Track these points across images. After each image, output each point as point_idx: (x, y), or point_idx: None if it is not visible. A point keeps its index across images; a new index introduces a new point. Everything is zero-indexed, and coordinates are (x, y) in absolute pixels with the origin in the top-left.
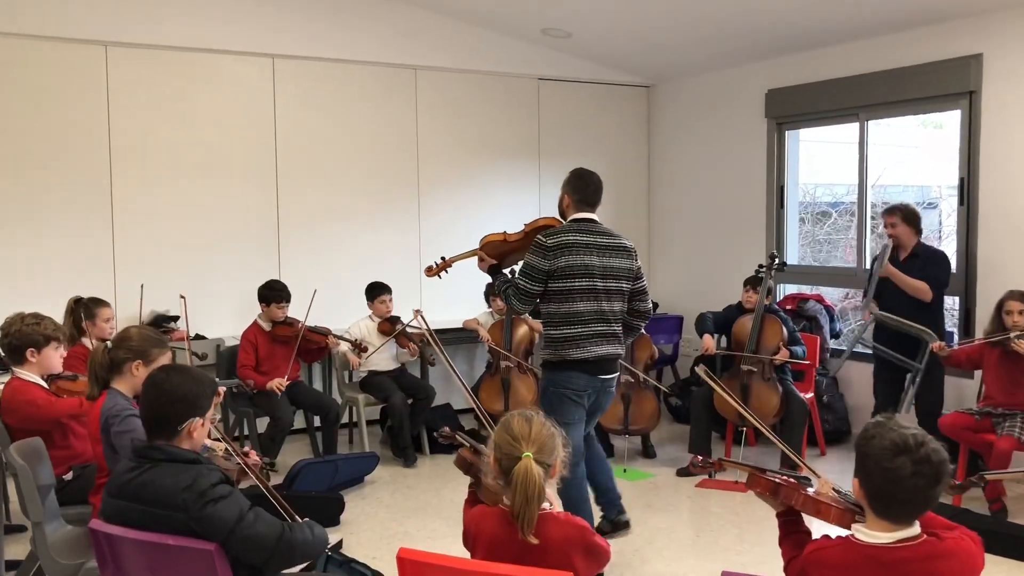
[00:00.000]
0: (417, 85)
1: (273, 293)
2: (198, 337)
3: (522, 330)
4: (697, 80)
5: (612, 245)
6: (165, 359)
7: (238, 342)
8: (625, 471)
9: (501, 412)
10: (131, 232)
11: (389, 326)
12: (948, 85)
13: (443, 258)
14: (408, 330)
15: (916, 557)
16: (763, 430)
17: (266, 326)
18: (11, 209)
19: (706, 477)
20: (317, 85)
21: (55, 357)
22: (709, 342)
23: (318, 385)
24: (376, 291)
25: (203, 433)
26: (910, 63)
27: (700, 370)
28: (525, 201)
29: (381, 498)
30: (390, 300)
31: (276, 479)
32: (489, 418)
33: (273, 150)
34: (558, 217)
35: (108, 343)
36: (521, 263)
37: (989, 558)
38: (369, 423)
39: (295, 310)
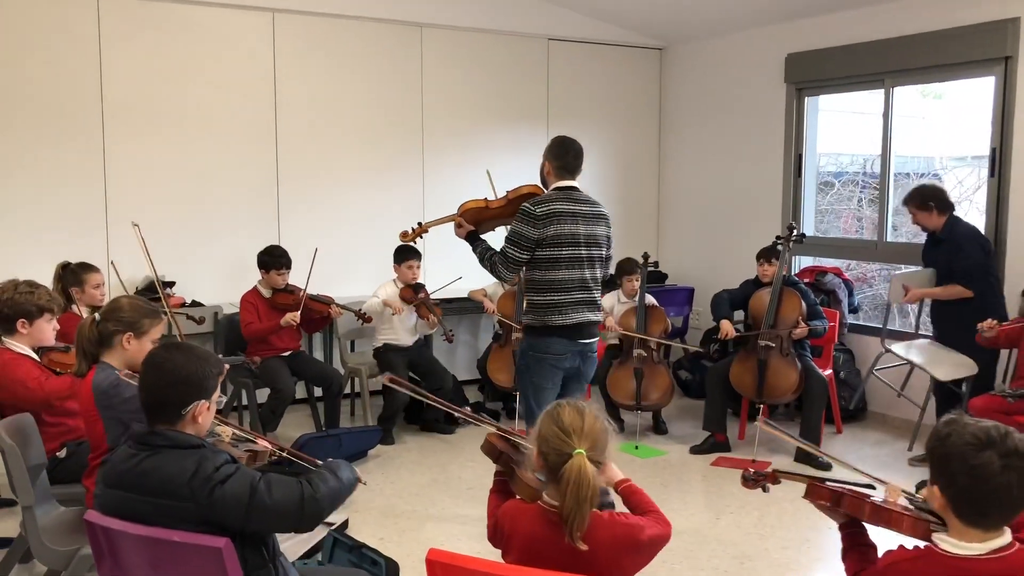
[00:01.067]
0: (423, 43)
1: (273, 259)
2: (194, 304)
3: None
4: (713, 43)
5: (594, 213)
6: (158, 330)
7: (237, 309)
8: (637, 448)
9: (508, 385)
10: (124, 194)
11: (411, 293)
12: (982, 50)
13: (419, 223)
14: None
15: (1013, 569)
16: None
17: (266, 293)
18: (5, 176)
19: (722, 455)
20: (319, 42)
21: (47, 330)
22: (727, 327)
23: (319, 355)
24: (404, 254)
25: (209, 417)
26: (941, 27)
27: (760, 423)
28: (532, 165)
29: (386, 474)
30: (418, 267)
31: None
32: (495, 390)
33: (273, 108)
34: (539, 184)
35: (96, 315)
36: (508, 230)
37: None
38: (373, 393)
39: (296, 275)
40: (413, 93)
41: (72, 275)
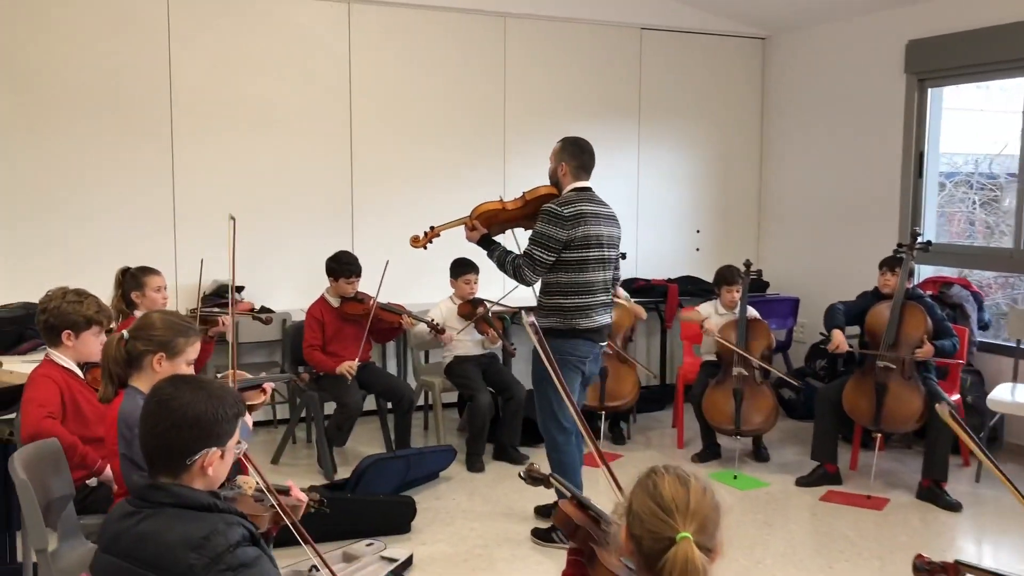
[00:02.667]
0: (506, 34)
1: (341, 267)
2: (263, 310)
3: (621, 313)
4: (822, 30)
5: (610, 214)
6: (193, 351)
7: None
8: (736, 477)
9: (597, 407)
10: (193, 193)
11: (470, 308)
12: None
13: (431, 227)
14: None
15: None
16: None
17: (334, 302)
18: (64, 167)
19: (832, 489)
20: (397, 33)
21: (94, 344)
22: (840, 339)
23: (392, 367)
24: (461, 269)
25: (223, 468)
26: None
27: (942, 410)
28: (622, 163)
29: (458, 501)
30: (475, 281)
31: (346, 475)
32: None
33: (348, 105)
34: (553, 186)
35: (124, 333)
36: (533, 232)
37: None
38: (445, 406)
39: (367, 283)
40: (495, 88)
41: (132, 279)
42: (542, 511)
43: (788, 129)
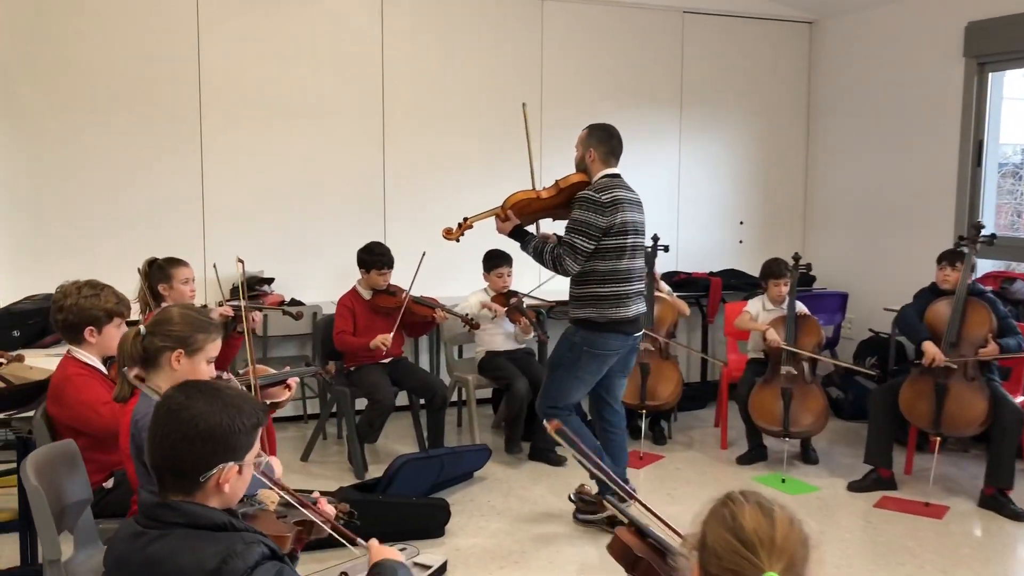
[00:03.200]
0: (543, 18)
1: (373, 258)
2: (294, 302)
3: (664, 307)
4: (873, 13)
5: (639, 201)
6: (214, 348)
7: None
8: (784, 481)
9: (637, 406)
10: (222, 183)
11: (504, 301)
12: None
13: (464, 219)
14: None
15: None
16: None
17: (365, 294)
18: (90, 157)
19: (887, 495)
20: (431, 18)
21: (117, 336)
22: (933, 351)
23: (424, 363)
24: (494, 262)
25: (240, 484)
26: None
27: None
28: (663, 152)
29: (493, 503)
30: (509, 274)
31: (377, 473)
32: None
33: (380, 92)
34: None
35: (141, 328)
36: (571, 220)
37: None
38: (479, 402)
39: (400, 276)
40: (532, 72)
41: (159, 271)
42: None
43: (836, 117)
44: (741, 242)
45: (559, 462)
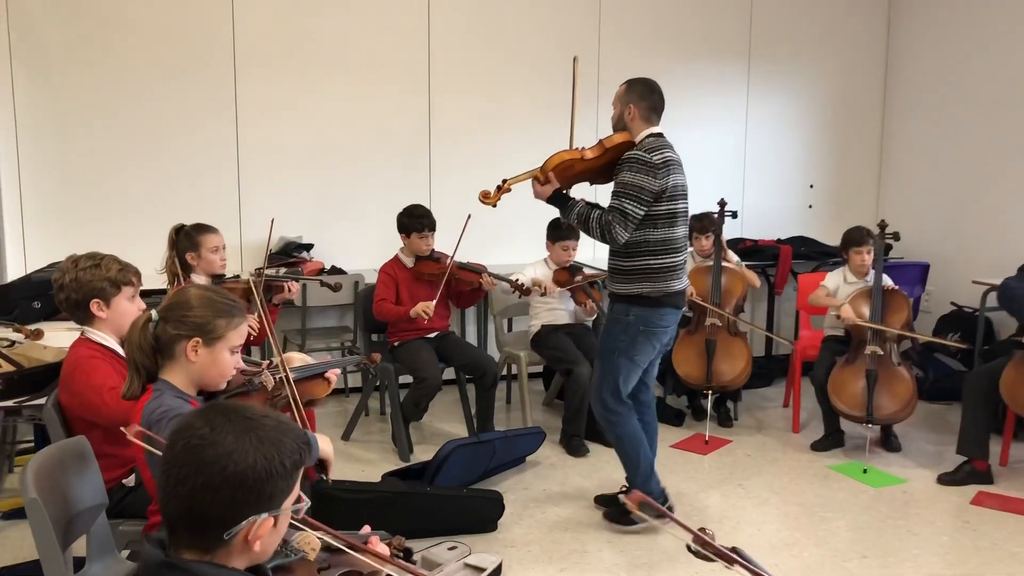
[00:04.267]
0: None
1: (413, 220)
2: (334, 270)
3: (732, 279)
4: None
5: (681, 161)
6: (238, 336)
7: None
8: (865, 472)
9: (702, 385)
10: (257, 144)
11: (567, 276)
12: None
13: (504, 180)
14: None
15: None
16: None
17: (408, 262)
18: (122, 116)
19: (983, 490)
20: None
21: (130, 308)
22: None
23: (471, 337)
24: (562, 232)
25: (274, 538)
26: None
27: None
28: (729, 108)
29: (549, 491)
30: (575, 248)
31: (423, 454)
32: (679, 384)
33: (426, 46)
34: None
35: (153, 313)
36: (618, 184)
37: None
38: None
39: (444, 242)
40: (589, 25)
41: (187, 238)
42: (603, 501)
43: (917, 68)
44: (811, 207)
45: None
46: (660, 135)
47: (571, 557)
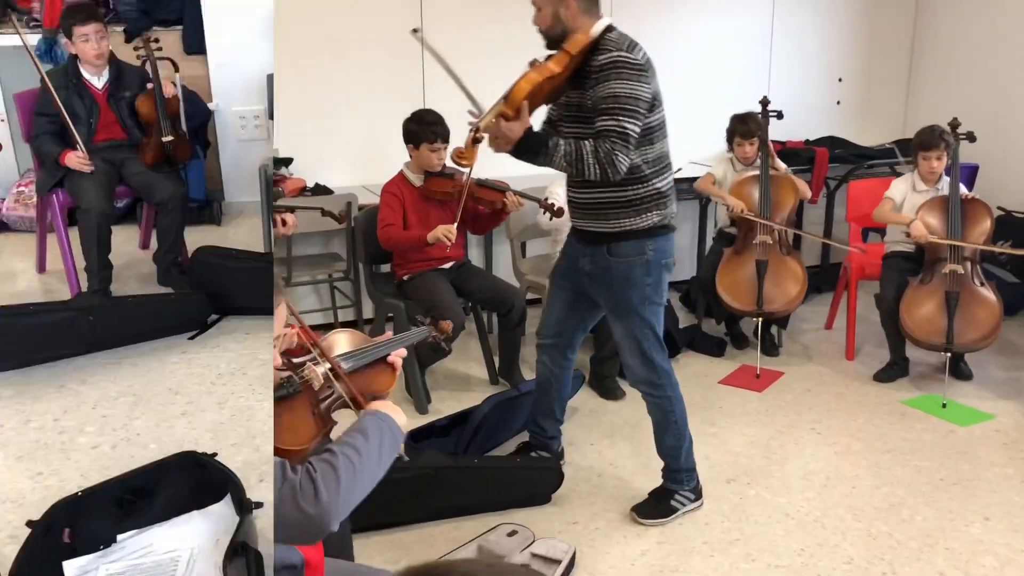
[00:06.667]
0: None
1: (424, 128)
2: (319, 189)
3: (783, 188)
4: None
5: None
6: None
7: (376, 199)
8: (944, 406)
9: (752, 312)
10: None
11: None
12: None
13: (474, 129)
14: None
15: None
16: None
17: (416, 180)
18: None
19: None
20: None
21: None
22: None
23: (476, 260)
24: None
25: None
26: None
27: None
28: (752, 12)
29: (599, 448)
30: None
31: (439, 403)
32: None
33: None
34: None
35: None
36: (615, 97)
37: None
38: None
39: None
40: None
41: None
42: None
43: None
44: (839, 103)
45: None
46: (614, 28)
47: (649, 533)
